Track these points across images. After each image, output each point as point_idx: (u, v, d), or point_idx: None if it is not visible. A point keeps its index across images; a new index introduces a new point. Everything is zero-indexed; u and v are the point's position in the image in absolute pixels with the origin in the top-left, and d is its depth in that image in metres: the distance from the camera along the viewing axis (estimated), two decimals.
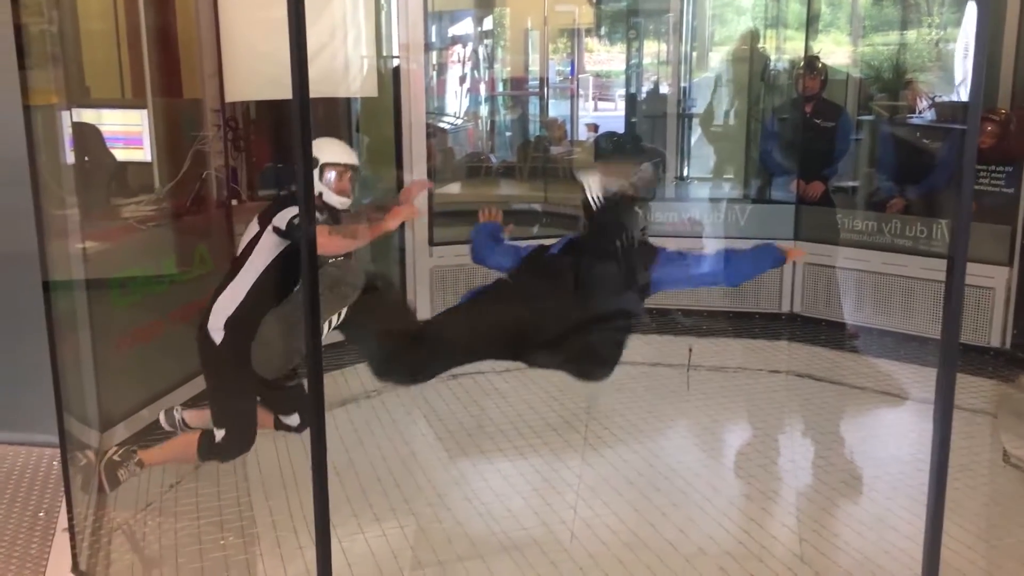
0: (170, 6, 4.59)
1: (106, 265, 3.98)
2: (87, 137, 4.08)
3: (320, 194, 3.32)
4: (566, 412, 4.42)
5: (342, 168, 3.36)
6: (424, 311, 5.48)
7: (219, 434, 3.34)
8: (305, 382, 3.18)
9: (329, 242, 3.18)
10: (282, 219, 3.19)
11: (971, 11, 5.81)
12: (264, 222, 3.29)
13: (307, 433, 2.59)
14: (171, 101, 4.51)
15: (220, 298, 3.30)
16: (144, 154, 4.18)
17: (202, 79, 4.52)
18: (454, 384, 4.70)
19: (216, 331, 3.30)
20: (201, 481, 3.65)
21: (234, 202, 4.63)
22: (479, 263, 3.73)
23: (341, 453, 3.90)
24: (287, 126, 4.66)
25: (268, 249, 3.28)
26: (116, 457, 3.38)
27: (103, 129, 4.20)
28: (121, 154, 4.26)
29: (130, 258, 4.12)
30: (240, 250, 3.36)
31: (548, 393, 4.63)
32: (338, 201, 3.38)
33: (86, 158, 4.06)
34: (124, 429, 3.84)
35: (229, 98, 4.49)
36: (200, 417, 3.59)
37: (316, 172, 3.33)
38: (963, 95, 5.97)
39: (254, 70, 4.36)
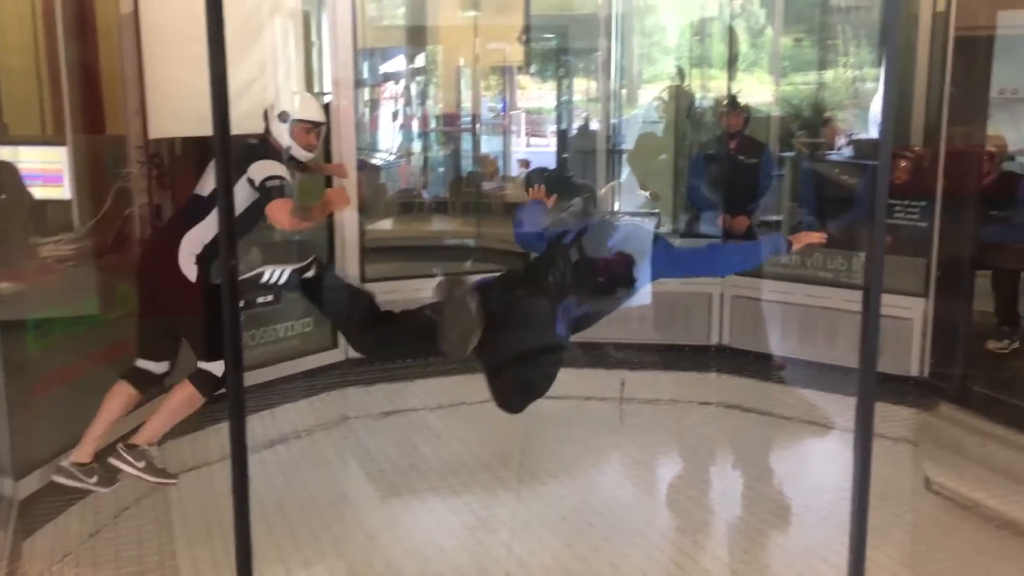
0: (92, 41, 4.51)
1: (23, 306, 3.86)
2: (4, 175, 3.97)
3: (289, 148, 3.78)
4: (500, 449, 4.40)
5: (310, 125, 3.84)
6: None
7: (216, 366, 3.58)
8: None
9: (284, 218, 3.56)
10: (258, 173, 3.58)
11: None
12: (235, 166, 3.54)
13: None
14: (93, 138, 4.42)
15: (186, 239, 3.55)
16: (64, 192, 4.07)
17: (125, 115, 4.44)
18: (386, 422, 4.66)
19: (189, 267, 3.55)
20: (121, 530, 3.54)
21: None
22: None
23: (269, 496, 3.81)
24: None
25: (239, 197, 3.55)
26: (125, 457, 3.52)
27: (21, 167, 4.10)
28: (40, 192, 4.15)
29: (48, 299, 4.00)
30: (205, 189, 3.65)
31: (481, 430, 4.61)
32: (303, 155, 3.85)
33: (2, 196, 3.95)
34: (40, 476, 3.70)
35: (153, 134, 4.42)
36: (153, 428, 3.65)
37: (287, 126, 3.83)
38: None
39: (178, 106, 4.31)
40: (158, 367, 3.70)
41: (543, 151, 8.70)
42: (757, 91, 7.39)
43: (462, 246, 6.27)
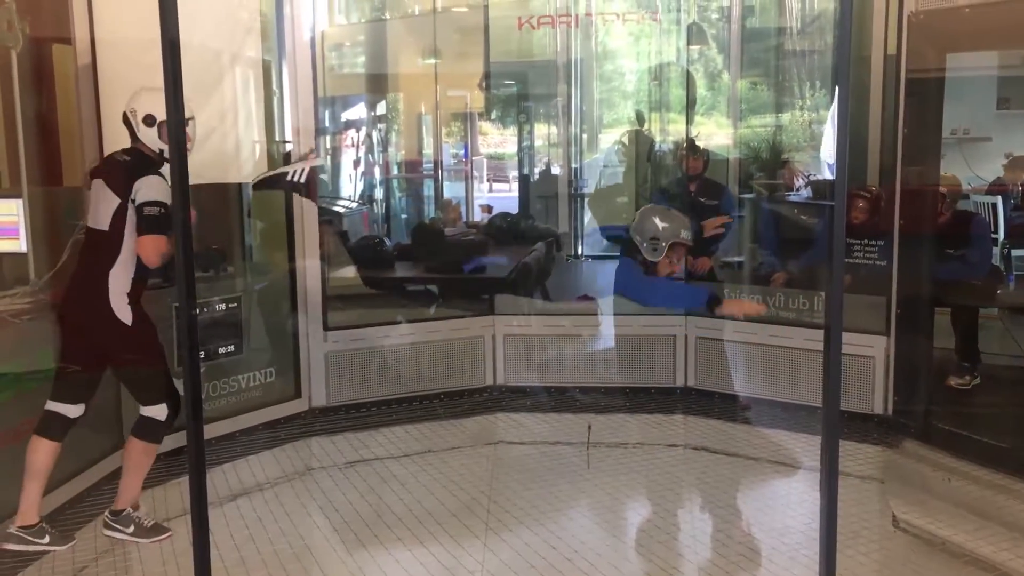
0: (50, 93, 4.48)
1: None
2: None
3: (162, 152, 3.63)
4: (466, 497, 4.34)
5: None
6: (319, 398, 5.38)
7: (158, 410, 3.65)
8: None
9: (154, 258, 3.57)
10: (141, 194, 3.53)
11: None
12: (119, 191, 3.57)
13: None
14: (50, 189, 4.36)
15: (112, 279, 3.55)
16: (20, 245, 4.01)
17: (83, 166, 4.39)
18: (351, 472, 4.59)
19: (123, 310, 3.56)
20: None
21: None
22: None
23: (231, 551, 3.73)
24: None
25: (131, 223, 3.57)
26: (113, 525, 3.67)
27: None
28: None
29: (3, 353, 3.92)
30: (101, 221, 3.60)
31: (447, 478, 4.55)
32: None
33: None
34: None
35: None
36: (128, 490, 3.75)
37: (155, 129, 3.66)
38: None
39: None
40: (74, 410, 3.70)
41: (506, 196, 8.74)
42: (716, 134, 7.52)
43: (425, 292, 6.24)
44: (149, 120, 3.69)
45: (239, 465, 4.64)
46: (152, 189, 3.55)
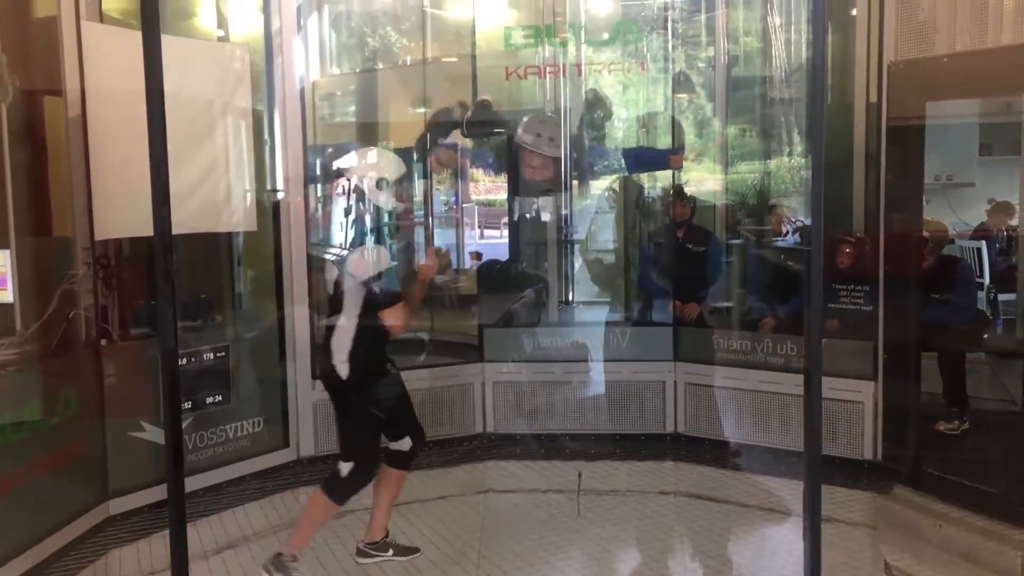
0: (40, 144, 4.51)
1: None
2: None
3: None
4: (457, 546, 4.32)
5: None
6: (307, 447, 5.35)
7: (346, 468, 3.84)
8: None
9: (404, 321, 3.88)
10: (353, 267, 3.89)
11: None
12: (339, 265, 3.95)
13: None
14: (39, 240, 4.38)
15: (334, 337, 3.84)
16: (6, 295, 4.01)
17: (72, 216, 4.42)
18: (339, 522, 4.55)
19: (341, 365, 3.80)
20: None
21: (104, 342, 4.48)
22: None
23: None
24: None
25: (353, 291, 3.86)
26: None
27: None
28: None
29: None
30: (333, 291, 3.97)
31: (437, 528, 4.53)
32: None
33: None
34: None
35: (99, 235, 4.40)
36: (295, 536, 3.94)
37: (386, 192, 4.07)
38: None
39: (125, 207, 4.31)
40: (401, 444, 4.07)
41: (496, 242, 8.76)
42: (705, 180, 7.57)
43: (415, 339, 6.24)
44: (382, 184, 4.07)
45: (225, 517, 4.60)
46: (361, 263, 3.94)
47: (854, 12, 5.67)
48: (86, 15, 4.39)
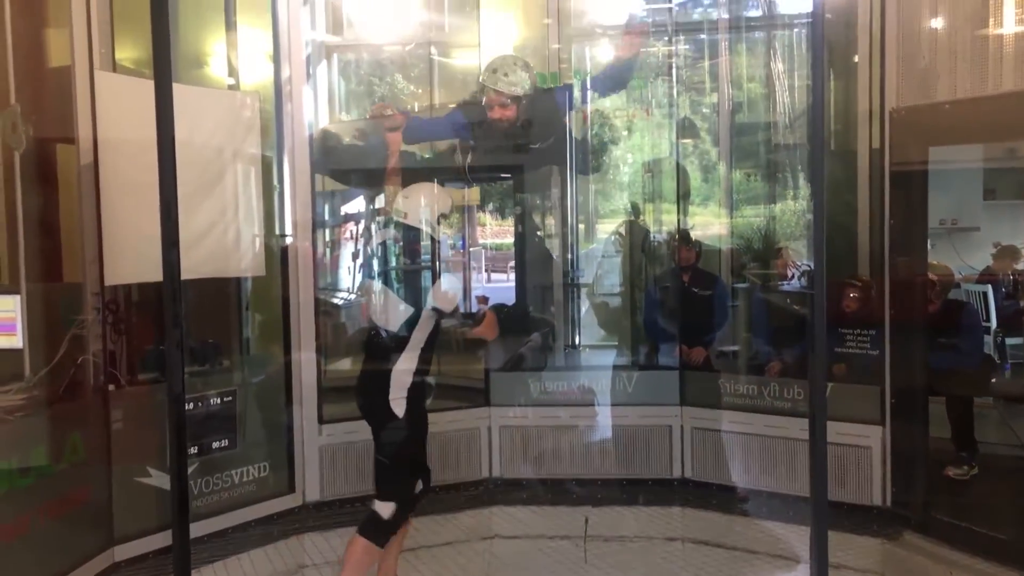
0: (52, 191, 4.58)
1: None
2: None
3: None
4: None
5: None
6: (313, 492, 5.33)
7: (388, 509, 3.88)
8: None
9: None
10: (441, 301, 4.01)
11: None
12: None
13: None
14: (49, 285, 4.43)
15: (395, 370, 3.87)
16: (16, 341, 4.04)
17: (83, 263, 4.47)
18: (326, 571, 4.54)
19: (398, 402, 3.84)
20: None
21: (112, 387, 4.50)
22: None
23: None
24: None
25: (426, 322, 3.97)
26: None
27: None
28: None
29: None
30: (394, 325, 4.04)
31: (443, 574, 4.49)
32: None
33: None
34: None
35: (110, 281, 4.45)
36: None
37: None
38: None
39: (136, 253, 4.36)
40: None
41: (503, 286, 8.78)
42: (711, 224, 7.61)
43: (422, 383, 6.24)
44: (442, 219, 4.24)
45: (230, 563, 4.58)
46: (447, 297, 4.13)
47: (856, 59, 5.73)
48: (100, 65, 4.48)
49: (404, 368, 3.96)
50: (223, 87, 5.48)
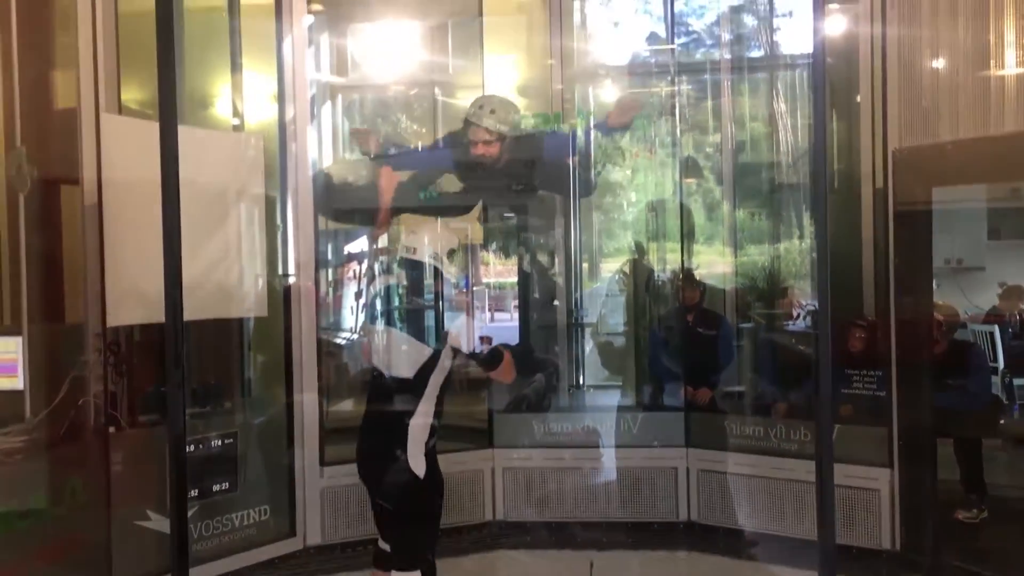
0: (56, 232, 4.58)
1: None
2: None
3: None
4: None
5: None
6: (314, 536, 5.27)
7: None
8: None
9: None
10: (460, 339, 3.81)
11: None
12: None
13: None
14: (51, 326, 4.41)
15: (413, 424, 3.56)
16: (17, 382, 4.02)
17: (85, 304, 4.45)
18: None
19: (417, 459, 3.55)
20: None
21: (112, 429, 4.46)
22: None
23: None
24: None
25: (444, 369, 3.76)
26: None
27: None
28: None
29: None
30: (409, 370, 3.73)
31: None
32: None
33: None
34: None
35: (112, 322, 4.42)
36: None
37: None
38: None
39: (139, 293, 4.34)
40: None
41: (506, 325, 8.76)
42: (715, 263, 7.60)
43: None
44: (453, 255, 4.14)
45: None
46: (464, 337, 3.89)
47: (858, 99, 5.76)
48: (105, 107, 4.50)
49: (422, 422, 3.70)
50: (228, 128, 5.52)
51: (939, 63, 4.64)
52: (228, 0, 5.39)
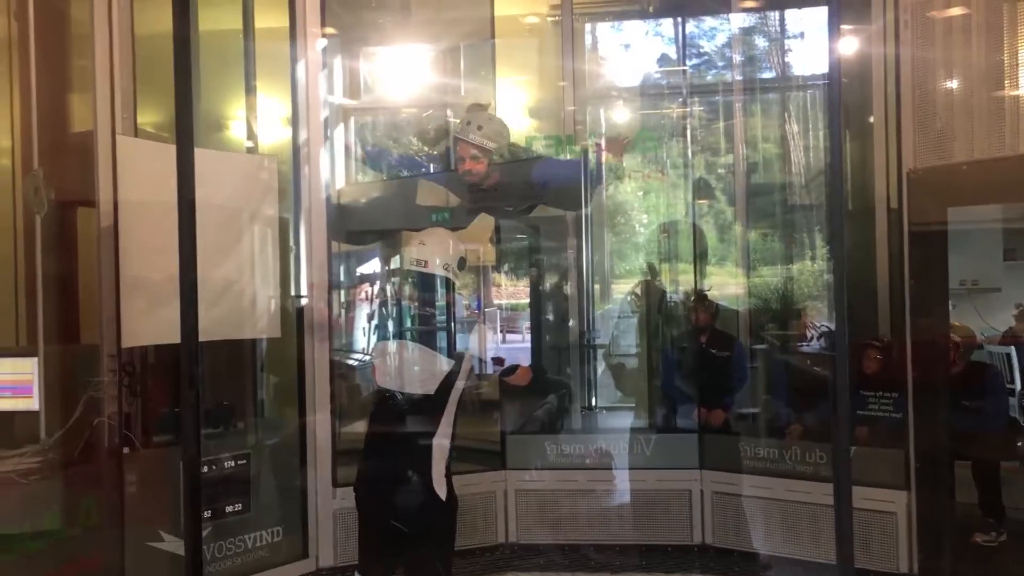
0: (72, 253, 4.61)
1: None
2: None
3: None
4: None
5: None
6: (327, 558, 5.25)
7: None
8: None
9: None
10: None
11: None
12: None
13: None
14: (66, 347, 4.43)
15: (436, 445, 3.46)
16: (32, 403, 4.04)
17: (100, 325, 4.47)
18: None
19: (440, 481, 3.44)
20: None
21: (126, 450, 4.46)
22: None
23: None
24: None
25: (459, 388, 3.63)
26: None
27: None
28: (8, 403, 4.11)
29: (8, 514, 3.88)
30: (427, 390, 3.60)
31: None
32: None
33: None
34: None
35: (127, 343, 4.44)
36: None
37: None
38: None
39: (153, 315, 4.36)
40: None
41: (519, 346, 8.74)
42: (728, 284, 7.58)
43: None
44: (463, 263, 3.99)
45: None
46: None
47: (871, 119, 5.75)
48: (121, 129, 4.53)
49: (445, 442, 3.58)
50: (242, 150, 5.55)
51: (953, 83, 4.63)
52: (243, 23, 5.44)
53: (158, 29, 4.41)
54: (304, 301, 5.48)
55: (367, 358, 8.09)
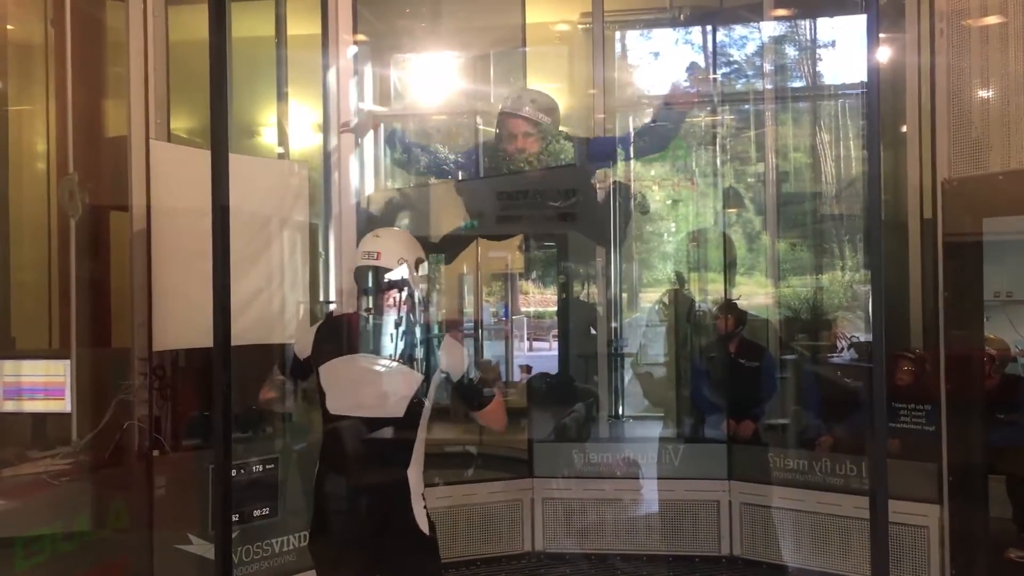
0: (105, 257, 4.66)
1: (13, 524, 3.77)
2: None
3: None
4: None
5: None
6: None
7: None
8: None
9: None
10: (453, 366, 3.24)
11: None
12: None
13: None
14: (98, 351, 4.47)
15: (411, 472, 3.09)
16: (64, 405, 4.08)
17: (132, 328, 4.51)
18: None
19: (422, 515, 3.08)
20: None
21: (156, 453, 4.49)
22: None
23: None
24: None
25: (429, 408, 3.24)
26: None
27: (24, 380, 4.14)
28: (40, 405, 4.16)
29: (39, 515, 3.91)
30: (400, 406, 3.22)
31: None
32: None
33: None
34: None
35: (158, 347, 4.47)
36: None
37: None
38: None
39: (185, 319, 4.39)
40: None
41: (546, 354, 8.73)
42: (757, 294, 7.53)
43: (464, 453, 6.17)
44: (421, 265, 3.52)
45: None
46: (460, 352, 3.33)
47: (904, 129, 5.70)
48: (155, 135, 4.58)
49: (420, 468, 3.18)
50: (273, 156, 5.59)
51: (989, 92, 4.57)
52: (276, 30, 5.48)
53: (192, 36, 4.45)
54: (333, 306, 5.50)
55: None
